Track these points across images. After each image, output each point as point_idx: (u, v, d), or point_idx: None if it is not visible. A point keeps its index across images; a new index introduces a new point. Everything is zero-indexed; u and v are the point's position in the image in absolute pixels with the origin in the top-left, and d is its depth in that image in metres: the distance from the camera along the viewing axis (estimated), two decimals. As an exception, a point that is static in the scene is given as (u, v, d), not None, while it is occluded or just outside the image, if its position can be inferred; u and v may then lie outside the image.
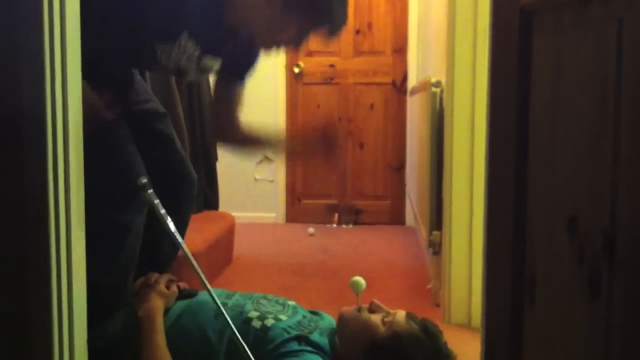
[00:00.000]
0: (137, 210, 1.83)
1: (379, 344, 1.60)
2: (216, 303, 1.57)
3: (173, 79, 3.07)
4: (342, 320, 1.70)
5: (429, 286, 2.91)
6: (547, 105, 0.93)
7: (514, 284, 1.03)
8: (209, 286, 1.59)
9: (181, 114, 2.85)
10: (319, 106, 4.89)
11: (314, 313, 1.82)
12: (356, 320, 1.67)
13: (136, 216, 1.83)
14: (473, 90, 2.43)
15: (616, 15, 0.73)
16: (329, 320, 1.79)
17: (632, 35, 0.70)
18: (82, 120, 1.31)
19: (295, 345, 1.58)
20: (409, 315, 1.66)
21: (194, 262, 1.63)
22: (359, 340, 1.63)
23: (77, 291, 1.29)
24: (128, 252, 1.81)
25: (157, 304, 1.69)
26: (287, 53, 4.84)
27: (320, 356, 1.59)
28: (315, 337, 1.64)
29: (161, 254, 2.05)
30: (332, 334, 1.70)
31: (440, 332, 1.66)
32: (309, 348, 1.59)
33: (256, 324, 1.63)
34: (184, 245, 1.68)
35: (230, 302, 1.72)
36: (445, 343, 1.65)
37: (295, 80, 4.88)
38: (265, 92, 4.83)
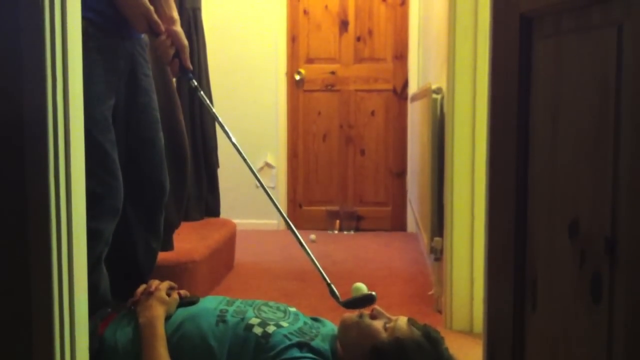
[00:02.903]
0: (112, 216, 1.83)
1: (381, 350, 1.60)
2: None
3: (174, 84, 3.07)
4: (343, 326, 1.70)
5: (430, 292, 2.91)
6: (548, 110, 0.93)
7: (516, 290, 1.02)
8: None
9: (182, 120, 2.85)
10: (319, 113, 4.90)
11: (315, 319, 1.82)
12: (358, 326, 1.66)
13: (110, 223, 1.82)
14: (474, 96, 2.43)
15: (616, 21, 0.73)
16: (331, 326, 1.79)
17: (631, 40, 0.70)
18: (83, 123, 1.32)
19: (296, 352, 1.58)
20: (411, 321, 1.66)
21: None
22: (361, 346, 1.63)
23: (79, 296, 1.29)
24: (97, 258, 1.80)
25: (158, 311, 1.69)
26: (288, 60, 4.86)
27: (322, 362, 1.59)
28: (316, 343, 1.63)
29: (140, 265, 2.05)
30: (334, 340, 1.70)
31: (442, 338, 1.66)
32: (310, 355, 1.59)
33: (257, 330, 1.62)
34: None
35: (231, 309, 1.72)
36: (447, 349, 1.65)
37: (296, 87, 4.89)
38: (266, 99, 4.84)
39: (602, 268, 0.75)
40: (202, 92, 2.11)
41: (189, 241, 2.95)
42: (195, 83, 2.09)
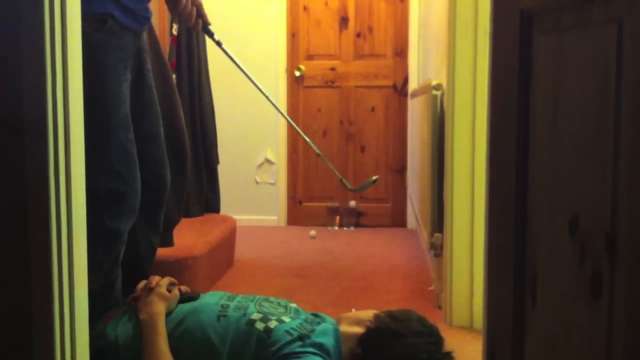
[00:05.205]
0: (131, 216, 1.84)
1: (383, 313, 1.72)
2: None
3: (174, 80, 3.07)
4: (341, 315, 1.78)
5: (430, 288, 2.91)
6: (548, 106, 0.93)
7: (516, 286, 1.03)
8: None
9: (182, 115, 2.85)
10: (320, 109, 4.90)
11: (315, 315, 1.82)
12: (356, 311, 1.75)
13: (128, 223, 1.83)
14: (474, 92, 2.43)
15: (616, 17, 0.73)
16: (331, 321, 1.80)
17: (632, 36, 0.70)
18: (83, 121, 1.32)
19: (298, 347, 1.59)
20: None
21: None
22: (365, 319, 1.71)
23: (78, 295, 1.29)
24: (116, 257, 1.81)
25: (159, 307, 1.69)
26: (288, 56, 4.85)
27: (323, 357, 1.59)
28: (318, 337, 1.64)
29: (142, 260, 2.05)
30: (336, 332, 1.71)
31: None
32: (311, 349, 1.60)
33: (260, 325, 1.63)
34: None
35: (232, 304, 1.73)
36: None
37: (296, 83, 4.89)
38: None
39: (602, 264, 0.75)
40: (223, 46, 2.21)
41: (189, 237, 2.95)
42: (217, 38, 2.21)
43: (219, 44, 2.20)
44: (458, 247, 2.48)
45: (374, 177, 2.61)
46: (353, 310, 1.87)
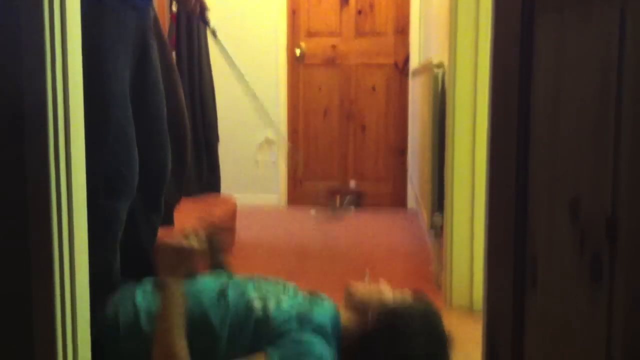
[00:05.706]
0: (129, 197, 1.82)
1: (389, 301, 1.66)
2: None
3: (174, 58, 3.05)
4: (349, 290, 1.74)
5: (430, 268, 2.92)
6: (550, 89, 0.92)
7: (516, 267, 1.02)
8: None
9: (182, 95, 2.83)
10: (320, 88, 4.88)
11: (313, 295, 1.83)
12: (364, 285, 1.72)
13: (126, 203, 1.82)
14: (475, 72, 2.41)
15: (618, 5, 0.72)
16: (329, 301, 1.80)
17: (634, 24, 0.69)
18: (82, 112, 1.31)
19: (295, 325, 1.60)
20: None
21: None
22: (372, 301, 1.67)
23: (80, 280, 1.29)
24: (114, 237, 1.80)
25: (179, 305, 1.62)
26: (288, 34, 4.82)
27: (320, 337, 1.60)
28: (315, 317, 1.65)
29: (143, 242, 2.04)
30: (335, 313, 1.71)
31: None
32: (308, 328, 1.60)
33: (258, 305, 1.64)
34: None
35: (231, 283, 1.73)
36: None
37: (296, 61, 4.86)
38: (267, 74, 4.81)
39: (602, 248, 0.75)
40: (218, 38, 2.23)
41: (190, 217, 2.95)
42: (213, 26, 2.22)
43: (214, 33, 2.16)
44: (458, 228, 2.48)
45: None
46: (366, 277, 1.81)
